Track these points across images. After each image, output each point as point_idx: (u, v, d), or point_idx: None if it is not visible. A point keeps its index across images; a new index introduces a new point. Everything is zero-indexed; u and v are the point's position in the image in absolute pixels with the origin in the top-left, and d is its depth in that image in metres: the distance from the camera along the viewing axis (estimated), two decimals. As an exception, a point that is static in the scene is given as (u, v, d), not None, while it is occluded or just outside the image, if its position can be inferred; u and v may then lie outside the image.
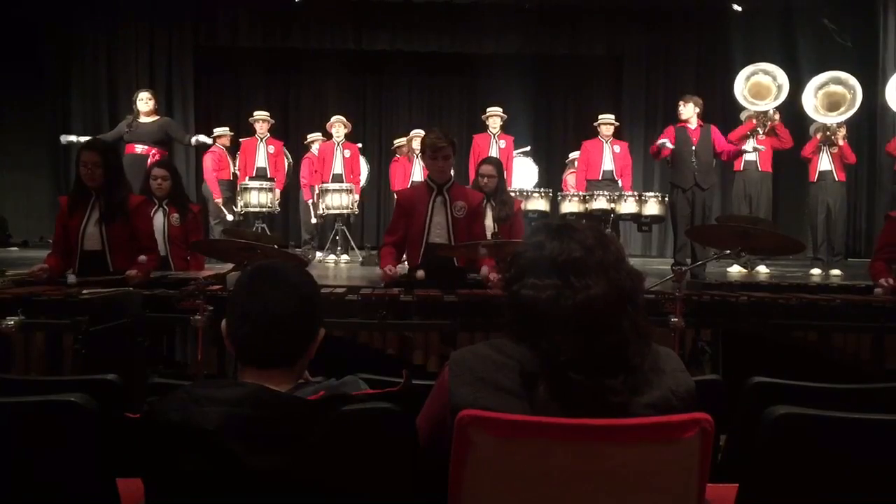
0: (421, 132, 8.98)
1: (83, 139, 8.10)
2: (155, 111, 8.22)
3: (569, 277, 1.54)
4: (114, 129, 8.52)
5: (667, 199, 8.20)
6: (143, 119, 8.12)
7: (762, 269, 8.26)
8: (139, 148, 8.06)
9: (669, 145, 7.64)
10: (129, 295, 3.82)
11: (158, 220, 5.30)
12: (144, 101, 8.14)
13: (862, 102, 8.29)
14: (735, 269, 8.25)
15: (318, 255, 9.34)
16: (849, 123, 8.47)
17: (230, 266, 3.98)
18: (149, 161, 7.09)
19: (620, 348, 1.51)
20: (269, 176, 9.25)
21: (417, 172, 8.91)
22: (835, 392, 2.22)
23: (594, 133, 8.80)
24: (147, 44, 10.95)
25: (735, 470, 1.93)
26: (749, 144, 7.94)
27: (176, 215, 5.34)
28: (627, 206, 8.29)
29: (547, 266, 1.57)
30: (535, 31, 11.08)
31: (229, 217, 9.20)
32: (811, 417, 1.69)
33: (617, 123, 8.92)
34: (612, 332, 1.52)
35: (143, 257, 4.23)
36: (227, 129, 9.76)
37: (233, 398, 1.44)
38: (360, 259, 9.17)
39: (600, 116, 8.86)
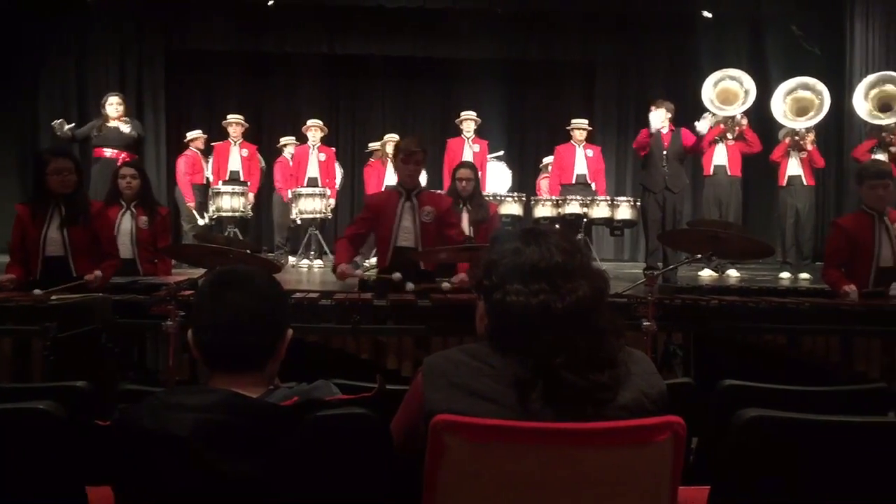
0: (395, 137, 8.98)
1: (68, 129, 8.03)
2: (124, 116, 8.14)
3: (556, 281, 1.57)
4: (85, 126, 8.42)
5: (638, 203, 8.28)
6: (112, 123, 8.04)
7: (732, 273, 8.35)
8: (108, 152, 7.98)
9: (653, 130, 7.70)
10: (99, 300, 3.77)
11: (126, 222, 5.23)
12: (114, 106, 8.06)
13: (830, 108, 8.42)
14: (706, 273, 8.33)
15: (291, 259, 9.28)
16: (817, 128, 8.60)
17: (203, 271, 3.95)
18: (118, 164, 7.02)
19: (602, 345, 1.56)
20: (242, 180, 9.19)
21: (391, 177, 8.89)
22: (804, 394, 2.25)
23: (567, 138, 8.85)
24: (118, 47, 10.83)
25: (707, 472, 1.94)
26: (702, 122, 7.98)
27: (144, 218, 5.28)
28: (600, 211, 8.35)
29: (530, 272, 1.58)
30: (509, 37, 11.12)
31: (201, 221, 9.12)
32: (781, 420, 1.71)
33: (590, 128, 8.99)
34: (594, 331, 1.56)
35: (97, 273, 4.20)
36: (200, 132, 9.68)
37: (205, 404, 1.43)
38: (334, 264, 9.13)
39: (573, 121, 8.91)
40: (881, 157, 7.94)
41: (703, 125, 7.99)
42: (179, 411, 1.42)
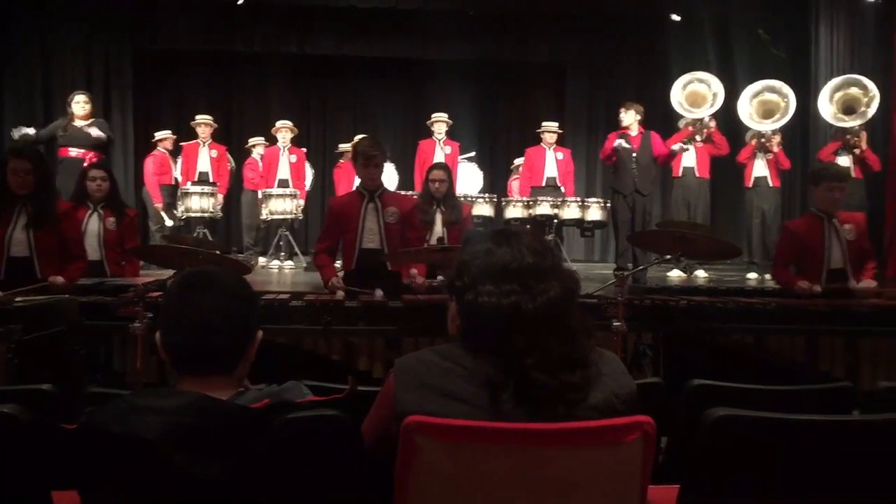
0: (369, 137, 8.94)
1: (30, 131, 7.90)
2: (91, 115, 8.03)
3: (528, 282, 1.58)
4: (49, 126, 8.29)
5: (608, 204, 8.34)
6: (78, 122, 7.93)
7: (701, 274, 8.44)
8: (74, 152, 7.87)
9: (626, 145, 7.77)
10: (65, 302, 3.72)
11: (93, 224, 5.17)
12: (81, 105, 7.95)
13: (795, 110, 8.55)
14: (675, 274, 8.40)
15: (261, 260, 9.22)
16: (783, 131, 8.71)
17: (171, 272, 3.91)
18: (84, 164, 6.93)
19: (573, 345, 1.57)
20: (211, 181, 9.11)
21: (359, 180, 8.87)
22: (771, 393, 2.28)
23: (537, 140, 8.89)
24: (84, 46, 10.67)
25: (676, 471, 1.96)
26: (677, 145, 8.13)
27: (112, 219, 5.21)
28: (570, 212, 8.40)
29: (502, 273, 1.59)
30: (480, 38, 11.13)
31: (169, 222, 9.03)
32: (749, 419, 1.73)
33: (560, 131, 9.03)
34: (565, 331, 1.57)
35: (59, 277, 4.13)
36: (168, 132, 9.58)
37: (173, 407, 1.42)
38: (304, 265, 9.09)
39: (543, 124, 8.95)
40: (845, 158, 8.09)
41: (677, 148, 8.09)
42: (147, 414, 1.40)
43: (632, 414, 1.56)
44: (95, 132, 7.93)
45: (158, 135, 9.50)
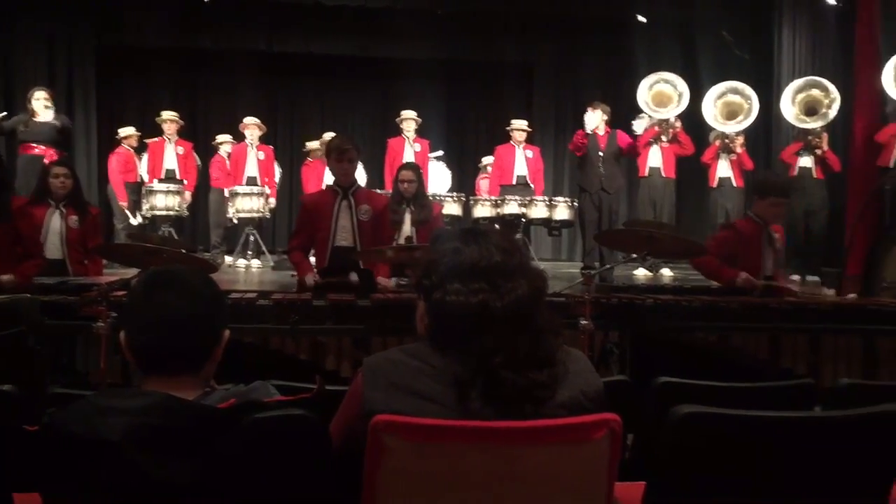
0: (341, 134, 8.90)
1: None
2: (52, 110, 7.90)
3: (496, 281, 1.58)
4: (10, 121, 8.13)
5: (576, 204, 8.39)
6: (39, 118, 7.79)
7: (666, 272, 8.52)
8: (36, 148, 7.73)
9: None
10: (26, 301, 3.65)
11: (55, 222, 5.08)
12: (42, 101, 7.81)
13: (758, 112, 8.68)
14: (641, 273, 8.48)
15: (228, 259, 9.14)
16: (746, 132, 8.84)
17: (135, 271, 3.86)
18: (46, 161, 6.81)
19: (541, 343, 1.58)
20: (178, 178, 9.01)
21: (330, 176, 8.81)
22: (736, 391, 2.31)
23: (507, 138, 8.92)
24: (46, 42, 10.48)
25: (643, 468, 1.98)
26: (638, 124, 8.17)
27: (74, 217, 5.12)
28: (538, 211, 8.45)
29: (469, 271, 1.59)
30: (449, 37, 11.13)
31: (134, 220, 8.91)
32: (714, 416, 1.75)
33: (529, 129, 9.07)
34: (533, 330, 1.58)
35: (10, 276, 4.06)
36: (132, 129, 9.45)
37: (138, 408, 1.40)
38: (272, 263, 9.02)
39: (513, 122, 8.99)
40: (807, 159, 8.23)
41: (638, 125, 8.16)
42: (111, 415, 1.39)
43: (599, 411, 1.58)
44: (50, 117, 7.79)
45: (122, 132, 9.36)
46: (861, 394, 2.24)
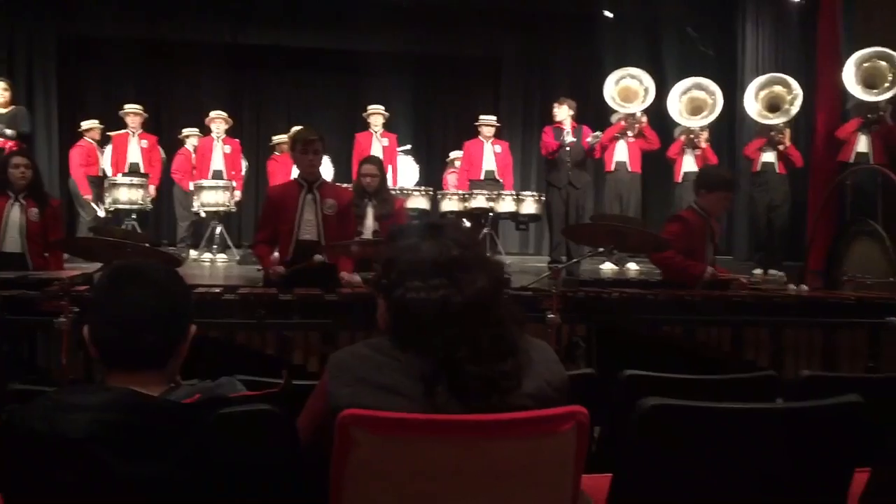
0: (307, 126, 8.84)
1: None
2: (11, 102, 7.75)
3: (455, 275, 1.58)
4: None
5: (543, 198, 8.43)
6: (-1, 110, 7.65)
7: (632, 266, 8.59)
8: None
9: (571, 139, 7.87)
10: (-15, 297, 3.58)
11: (15, 214, 4.99)
12: (-1, 92, 7.67)
13: (722, 108, 8.78)
14: (607, 267, 8.54)
15: (193, 253, 9.05)
16: (710, 127, 8.95)
17: (98, 266, 3.80)
18: (5, 152, 6.68)
19: (503, 334, 1.59)
20: (142, 171, 8.89)
21: (297, 170, 8.76)
22: (701, 383, 2.34)
23: (475, 133, 8.93)
24: (5, 32, 10.26)
25: (609, 460, 2.00)
26: (591, 137, 8.21)
27: (34, 210, 5.04)
28: (506, 205, 8.47)
29: (429, 267, 1.59)
30: (416, 31, 11.10)
31: (97, 214, 8.77)
32: (680, 408, 1.77)
33: (498, 125, 9.09)
34: (495, 321, 1.58)
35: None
36: (96, 122, 9.30)
37: (100, 404, 1.38)
38: (237, 258, 8.95)
39: (481, 117, 9.00)
40: (770, 154, 8.35)
41: (592, 140, 8.22)
42: (73, 412, 1.37)
43: (564, 401, 1.59)
44: (8, 132, 7.63)
45: (85, 124, 9.21)
46: (822, 385, 2.28)
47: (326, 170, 9.33)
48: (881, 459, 1.82)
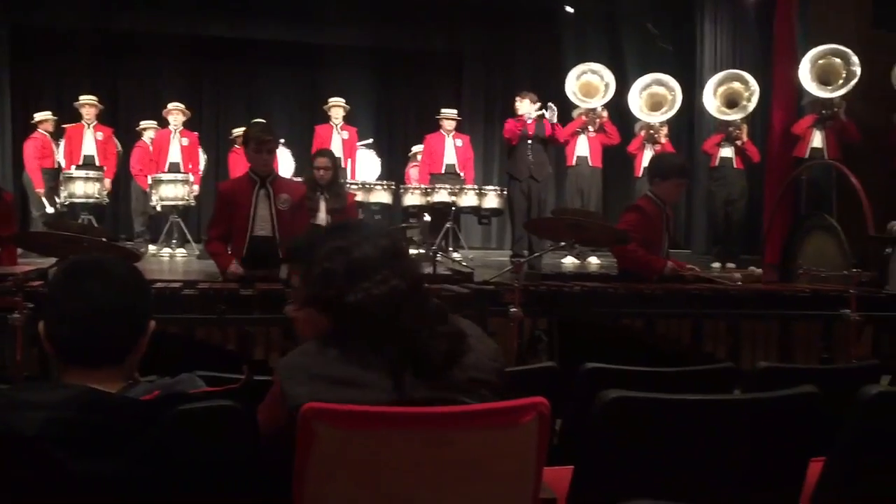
0: (262, 122, 8.76)
1: None
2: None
3: (392, 264, 1.62)
4: None
5: (505, 192, 8.46)
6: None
7: (593, 260, 8.66)
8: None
9: (547, 114, 7.87)
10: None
11: (-33, 209, 4.88)
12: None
13: (682, 103, 8.89)
14: (569, 261, 8.60)
15: (152, 248, 8.92)
16: (670, 123, 9.06)
17: (53, 261, 3.73)
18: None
19: (444, 310, 1.64)
20: (97, 164, 8.73)
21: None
22: (660, 375, 2.37)
23: (436, 127, 8.92)
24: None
25: (570, 452, 2.01)
26: (547, 113, 8.25)
27: (-14, 204, 4.93)
28: (468, 199, 8.49)
29: (370, 264, 1.61)
30: (378, 24, 11.06)
31: (52, 208, 8.60)
32: (640, 400, 1.79)
33: (459, 118, 9.09)
34: (427, 310, 1.62)
35: None
36: (49, 113, 9.11)
37: (56, 402, 1.35)
38: (197, 252, 8.84)
39: (442, 111, 9.00)
40: (728, 149, 8.48)
41: (550, 115, 8.24)
42: (27, 409, 1.34)
43: (502, 374, 1.64)
44: None
45: (38, 116, 9.02)
46: (778, 376, 2.32)
47: (287, 163, 9.26)
48: (835, 448, 1.86)
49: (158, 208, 8.78)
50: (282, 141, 9.68)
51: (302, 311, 1.69)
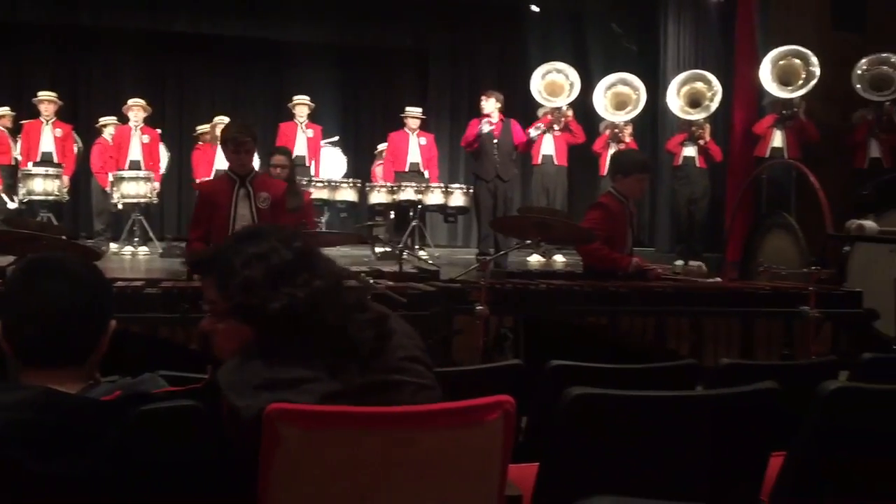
0: (225, 119, 8.68)
1: None
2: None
3: (311, 263, 1.62)
4: None
5: (471, 190, 8.48)
6: None
7: (559, 258, 8.71)
8: None
9: (487, 129, 7.90)
10: None
11: (-78, 207, 4.77)
12: None
13: (645, 103, 8.98)
14: (535, 259, 8.64)
15: (113, 246, 8.79)
16: (634, 122, 9.14)
17: (10, 259, 3.66)
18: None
19: (366, 301, 1.65)
20: (55, 161, 8.57)
21: (221, 160, 8.58)
22: (625, 372, 2.39)
23: (401, 125, 8.91)
24: None
25: (536, 450, 2.02)
26: (533, 129, 8.36)
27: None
28: (434, 198, 8.50)
29: (289, 268, 1.59)
30: (343, 21, 11.01)
31: (10, 206, 8.44)
32: (604, 396, 1.80)
33: (423, 117, 9.09)
34: (348, 303, 1.61)
35: None
36: (7, 108, 8.93)
37: (14, 403, 1.33)
38: (160, 251, 8.73)
39: (407, 109, 8.99)
40: (691, 149, 8.58)
41: (534, 133, 8.32)
42: (-16, 411, 1.31)
43: (424, 347, 1.66)
44: None
45: (-6, 112, 8.85)
46: (740, 373, 2.35)
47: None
48: (795, 443, 1.89)
49: (120, 206, 8.65)
50: (335, 139, 9.63)
51: (221, 323, 1.65)
